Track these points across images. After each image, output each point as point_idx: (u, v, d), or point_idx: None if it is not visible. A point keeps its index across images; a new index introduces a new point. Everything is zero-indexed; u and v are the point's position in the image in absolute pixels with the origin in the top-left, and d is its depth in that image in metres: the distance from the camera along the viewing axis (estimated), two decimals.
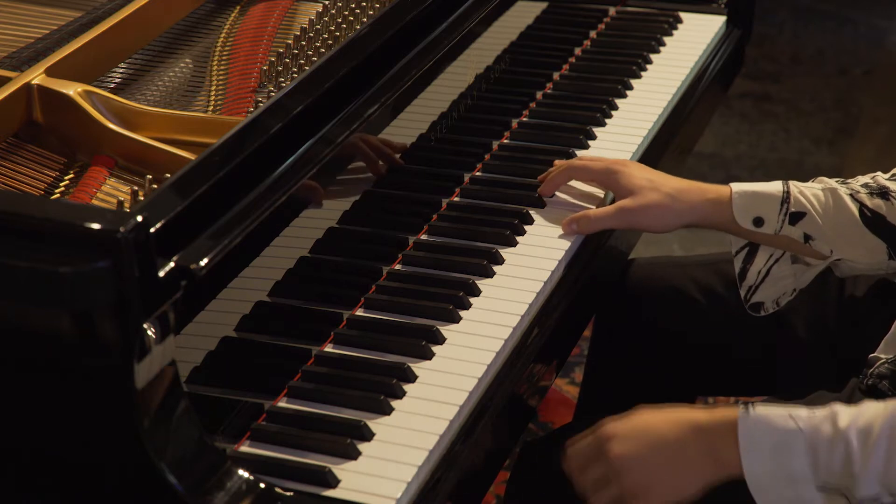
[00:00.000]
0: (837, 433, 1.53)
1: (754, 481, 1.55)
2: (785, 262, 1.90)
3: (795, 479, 1.54)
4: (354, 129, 1.71)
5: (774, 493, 1.55)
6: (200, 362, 1.53)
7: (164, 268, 1.37)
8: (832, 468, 1.53)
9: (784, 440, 1.54)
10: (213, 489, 1.40)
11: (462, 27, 1.98)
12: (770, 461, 1.55)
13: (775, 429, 1.55)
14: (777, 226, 1.86)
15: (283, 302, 1.66)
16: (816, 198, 1.87)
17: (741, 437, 1.55)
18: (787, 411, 1.56)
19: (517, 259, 1.83)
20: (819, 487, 1.54)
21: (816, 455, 1.53)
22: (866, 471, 1.51)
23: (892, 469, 1.51)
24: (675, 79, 2.31)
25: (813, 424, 1.54)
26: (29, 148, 1.70)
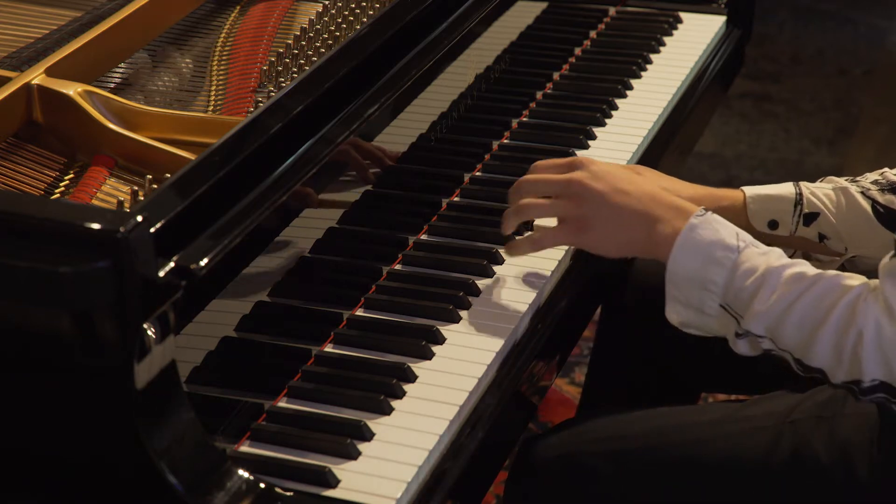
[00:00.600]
0: (766, 269, 1.61)
1: (673, 270, 1.65)
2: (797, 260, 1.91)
3: (706, 287, 1.63)
4: (354, 129, 1.71)
5: (684, 289, 1.65)
6: (200, 362, 1.53)
7: (164, 268, 1.37)
8: (740, 295, 1.61)
9: (719, 248, 1.63)
10: (213, 489, 1.40)
11: (462, 27, 1.98)
12: (697, 260, 1.63)
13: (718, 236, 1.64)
14: (792, 227, 1.89)
15: (283, 302, 1.66)
16: (828, 197, 1.89)
17: (686, 227, 1.65)
18: (737, 230, 1.65)
19: (518, 259, 1.83)
20: (721, 304, 1.63)
21: (735, 277, 1.61)
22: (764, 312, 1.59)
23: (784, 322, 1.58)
24: (675, 79, 2.31)
25: (750, 252, 1.63)
26: (29, 148, 1.70)
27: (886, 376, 1.54)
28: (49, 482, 1.43)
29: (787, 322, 1.58)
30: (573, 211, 1.72)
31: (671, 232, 1.66)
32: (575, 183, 1.72)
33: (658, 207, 1.69)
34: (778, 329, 1.59)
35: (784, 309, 1.58)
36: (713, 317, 1.64)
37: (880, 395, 1.56)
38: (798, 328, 1.58)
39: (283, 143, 1.61)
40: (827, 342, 1.56)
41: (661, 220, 1.68)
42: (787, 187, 1.90)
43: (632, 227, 1.69)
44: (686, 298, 1.65)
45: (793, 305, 1.58)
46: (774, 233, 1.90)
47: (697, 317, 1.66)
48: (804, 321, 1.58)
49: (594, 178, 1.72)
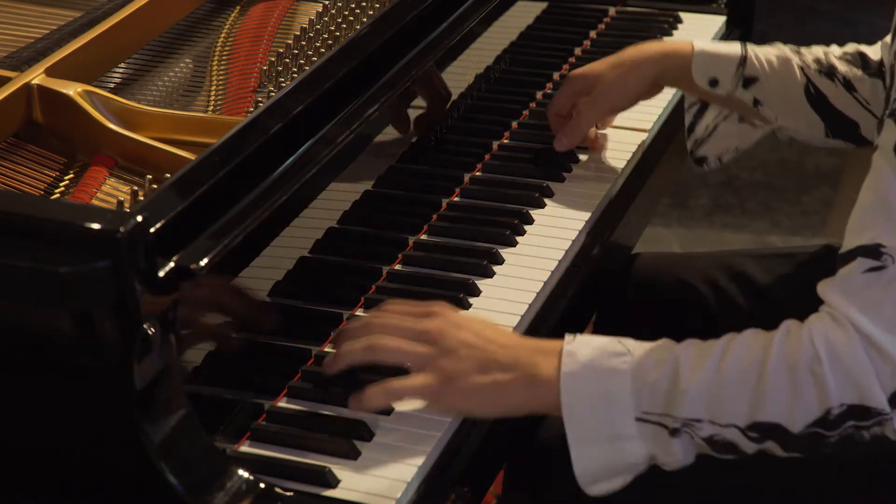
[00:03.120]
0: (669, 353, 1.48)
1: (569, 405, 1.48)
2: (732, 121, 1.99)
3: (614, 404, 1.46)
4: (354, 129, 1.71)
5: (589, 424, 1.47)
6: (200, 362, 1.53)
7: (164, 268, 1.37)
8: (657, 389, 1.46)
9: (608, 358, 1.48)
10: (213, 489, 1.40)
11: (462, 27, 1.98)
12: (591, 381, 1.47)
13: (600, 347, 1.49)
14: (731, 87, 1.92)
15: (283, 302, 1.66)
16: (770, 64, 1.92)
17: (563, 356, 1.49)
18: (616, 338, 1.51)
19: (517, 259, 1.83)
20: (638, 418, 1.47)
21: (642, 375, 1.47)
22: (694, 387, 1.45)
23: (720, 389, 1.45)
24: None
25: (643, 348, 1.49)
26: (29, 148, 1.70)
27: (854, 396, 1.44)
28: (49, 482, 1.43)
29: (724, 387, 1.46)
30: (433, 360, 1.51)
31: (550, 371, 1.49)
32: (434, 330, 1.53)
33: (527, 353, 1.52)
34: (716, 400, 1.46)
35: (713, 375, 1.46)
36: (632, 437, 1.48)
37: (849, 425, 1.45)
38: (739, 386, 1.46)
39: (283, 143, 1.61)
40: (778, 383, 1.45)
41: (537, 363, 1.50)
42: (734, 47, 1.94)
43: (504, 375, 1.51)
44: (594, 431, 1.48)
45: (722, 368, 1.46)
46: (713, 91, 1.93)
47: (614, 451, 1.48)
48: (743, 376, 1.46)
49: (455, 326, 1.53)
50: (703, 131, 2.00)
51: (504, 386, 1.50)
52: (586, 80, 2.00)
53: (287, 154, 1.61)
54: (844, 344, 1.44)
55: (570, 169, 2.04)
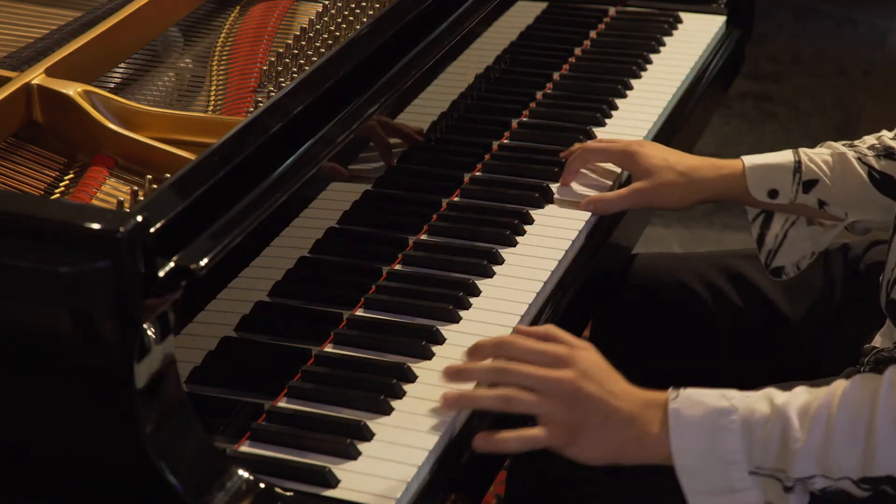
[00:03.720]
0: (774, 410, 1.49)
1: (682, 463, 1.50)
2: (801, 225, 1.96)
3: (727, 461, 1.49)
4: (354, 128, 1.71)
5: (703, 477, 1.50)
6: (200, 362, 1.53)
7: (164, 268, 1.37)
8: (768, 446, 1.48)
9: (717, 417, 1.49)
10: (213, 489, 1.40)
11: (462, 27, 1.98)
12: (701, 440, 1.50)
13: (707, 406, 1.50)
14: (791, 195, 1.91)
15: (283, 302, 1.66)
16: (826, 164, 1.92)
17: (670, 415, 1.50)
18: (719, 392, 1.52)
19: (517, 259, 1.83)
20: (751, 471, 1.49)
21: (751, 432, 1.48)
22: (804, 447, 1.47)
23: (831, 446, 1.47)
24: (675, 79, 2.31)
25: (748, 403, 1.50)
26: (29, 148, 1.70)
27: None
28: (49, 482, 1.43)
29: (833, 446, 1.47)
30: (563, 414, 1.53)
31: (659, 428, 1.51)
32: (567, 382, 1.53)
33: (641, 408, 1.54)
34: (827, 458, 1.47)
35: (823, 435, 1.47)
36: (748, 489, 1.49)
37: None
38: (849, 444, 1.47)
39: (283, 143, 1.61)
40: (887, 438, 1.45)
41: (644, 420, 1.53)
42: (786, 155, 1.94)
43: (621, 431, 1.53)
44: (710, 486, 1.50)
45: (830, 426, 1.47)
46: (774, 201, 1.92)
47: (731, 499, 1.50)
48: (853, 433, 1.47)
49: (586, 379, 1.54)
50: (773, 241, 1.97)
51: (623, 442, 1.53)
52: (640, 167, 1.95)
53: (287, 154, 1.61)
54: None
55: None
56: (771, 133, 4.23)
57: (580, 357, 1.56)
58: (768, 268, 1.97)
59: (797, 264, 1.97)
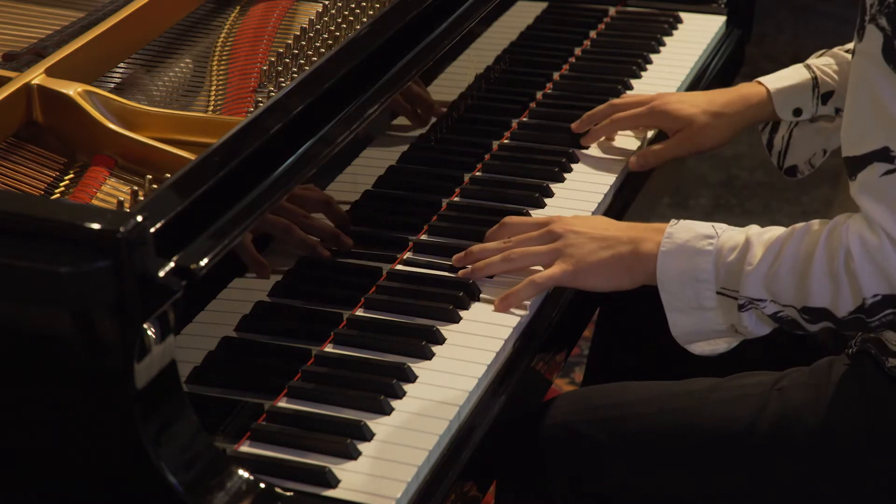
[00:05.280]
0: (745, 238, 1.66)
1: (663, 278, 1.69)
2: (804, 124, 2.07)
3: (699, 278, 1.68)
4: (354, 129, 1.71)
5: (679, 293, 1.69)
6: (200, 362, 1.53)
7: (164, 268, 1.37)
8: (731, 269, 1.65)
9: (699, 240, 1.68)
10: (213, 489, 1.40)
11: (462, 27, 1.98)
12: (682, 258, 1.68)
13: (695, 230, 1.69)
14: (813, 109, 2.04)
15: (283, 302, 1.66)
16: (836, 73, 2.04)
17: (664, 236, 1.70)
18: (711, 223, 1.71)
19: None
20: (718, 292, 1.67)
21: (722, 255, 1.66)
22: (755, 270, 1.63)
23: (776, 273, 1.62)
24: (675, 79, 2.31)
25: (729, 234, 1.68)
26: (29, 148, 1.70)
27: (886, 288, 1.58)
28: (49, 482, 1.43)
29: (779, 273, 1.62)
30: (561, 252, 1.76)
31: (653, 247, 1.71)
32: (556, 231, 1.77)
33: (636, 231, 1.75)
34: (774, 283, 1.63)
35: (772, 262, 1.63)
36: (714, 308, 1.68)
37: (889, 313, 1.59)
38: (791, 273, 1.62)
39: (283, 143, 1.61)
40: (820, 274, 1.60)
41: (643, 239, 1.73)
42: (801, 72, 2.07)
43: (618, 253, 1.74)
44: (683, 301, 1.69)
45: (779, 256, 1.62)
46: (799, 118, 2.05)
47: (700, 318, 1.69)
48: (795, 266, 1.61)
49: (571, 223, 1.79)
50: (780, 142, 2.09)
51: (623, 257, 1.73)
52: (676, 120, 2.06)
53: (287, 154, 1.61)
54: (875, 242, 1.57)
55: (570, 169, 2.04)
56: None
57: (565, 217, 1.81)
58: (781, 169, 2.10)
59: (810, 161, 2.09)
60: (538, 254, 1.77)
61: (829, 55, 2.07)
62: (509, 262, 1.77)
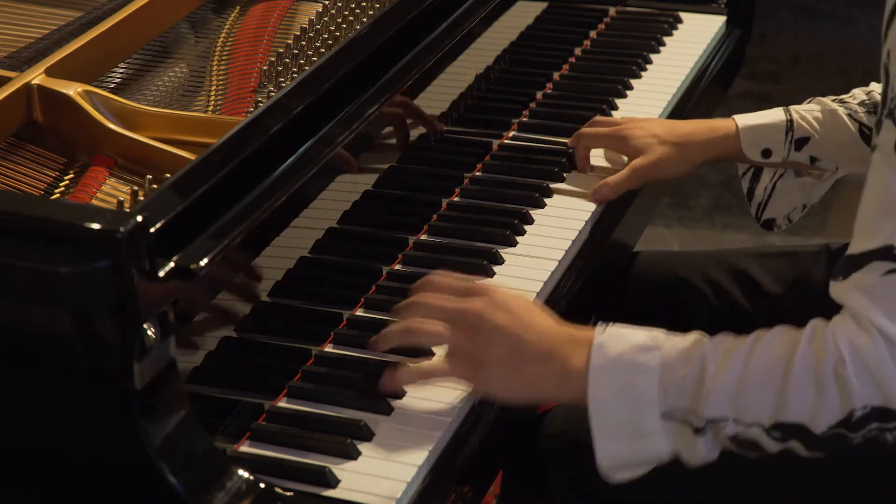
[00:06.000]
0: (697, 350, 1.47)
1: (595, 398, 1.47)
2: (789, 177, 2.00)
3: (639, 398, 1.45)
4: (354, 129, 1.71)
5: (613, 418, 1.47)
6: (200, 362, 1.53)
7: (164, 268, 1.37)
8: (683, 386, 1.45)
9: (638, 353, 1.47)
10: (213, 489, 1.40)
11: (462, 27, 1.99)
12: (618, 375, 1.46)
13: (631, 341, 1.48)
14: (784, 154, 1.95)
15: (283, 302, 1.66)
16: (817, 120, 1.95)
17: (593, 349, 1.48)
18: (648, 330, 1.49)
19: (517, 259, 1.83)
20: (663, 413, 1.46)
21: (670, 370, 1.46)
22: (719, 386, 1.44)
23: (745, 389, 1.44)
24: (675, 79, 2.31)
25: (672, 343, 1.47)
26: (29, 148, 1.70)
27: (879, 398, 1.43)
28: (49, 482, 1.43)
29: (749, 386, 1.45)
30: (466, 344, 1.53)
31: (581, 363, 1.48)
32: (472, 313, 1.53)
33: (561, 343, 1.51)
34: (741, 399, 1.45)
35: (739, 375, 1.45)
36: (656, 433, 1.47)
37: (873, 427, 1.44)
38: (764, 386, 1.45)
39: (283, 143, 1.61)
40: (803, 383, 1.43)
41: (568, 355, 1.50)
42: (778, 114, 1.97)
43: (535, 366, 1.51)
44: (617, 426, 1.47)
45: (748, 367, 1.45)
46: (768, 160, 1.96)
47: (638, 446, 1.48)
48: (768, 375, 1.45)
49: (494, 308, 1.53)
50: (762, 194, 2.02)
51: (535, 377, 1.51)
52: (632, 148, 1.98)
53: (287, 154, 1.61)
54: (869, 347, 1.42)
55: (570, 170, 2.04)
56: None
57: (493, 289, 1.55)
58: (759, 220, 2.02)
59: (788, 216, 2.02)
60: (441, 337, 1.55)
61: (816, 102, 1.98)
62: (409, 334, 1.57)
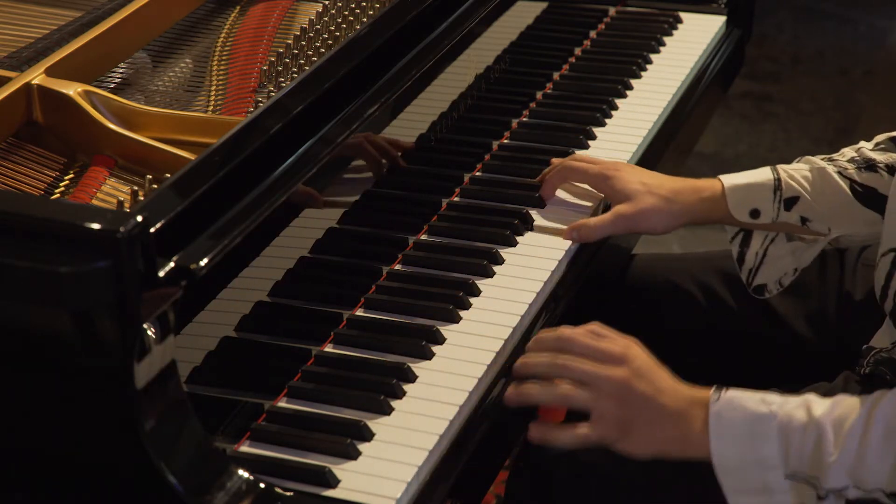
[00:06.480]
0: (812, 420, 1.52)
1: (721, 463, 1.55)
2: (781, 242, 1.92)
3: (764, 465, 1.53)
4: (354, 129, 1.71)
5: (741, 477, 1.54)
6: (200, 362, 1.53)
7: (163, 268, 1.37)
8: (803, 455, 1.52)
9: (756, 423, 1.54)
10: (213, 489, 1.40)
11: (462, 27, 1.99)
12: (740, 443, 1.54)
13: (747, 411, 1.55)
14: (773, 214, 1.88)
15: (283, 302, 1.66)
16: (806, 179, 1.89)
17: (711, 418, 1.55)
18: (760, 396, 1.56)
19: (517, 259, 1.83)
20: (787, 476, 1.53)
21: (788, 440, 1.52)
22: (838, 461, 1.50)
23: (863, 462, 1.50)
24: (675, 79, 2.31)
25: (786, 410, 1.54)
26: (29, 148, 1.71)
27: None
28: (49, 482, 1.43)
29: (867, 459, 1.50)
30: (615, 412, 1.58)
31: (701, 427, 1.56)
32: (619, 382, 1.58)
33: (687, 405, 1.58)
34: (860, 470, 1.50)
35: (857, 449, 1.50)
36: (783, 491, 1.54)
37: None
38: (881, 458, 1.50)
39: (283, 143, 1.61)
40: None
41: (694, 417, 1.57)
42: (765, 173, 1.90)
43: (667, 429, 1.58)
44: (747, 485, 1.54)
45: (864, 441, 1.50)
46: (756, 221, 1.89)
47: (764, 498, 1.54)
48: (885, 448, 1.49)
49: (638, 378, 1.59)
50: (753, 259, 1.94)
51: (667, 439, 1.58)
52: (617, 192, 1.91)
53: (287, 154, 1.61)
54: None
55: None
56: (771, 133, 4.23)
57: (633, 355, 1.61)
58: (750, 286, 1.95)
59: (779, 281, 1.94)
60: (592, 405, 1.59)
61: (805, 161, 1.93)
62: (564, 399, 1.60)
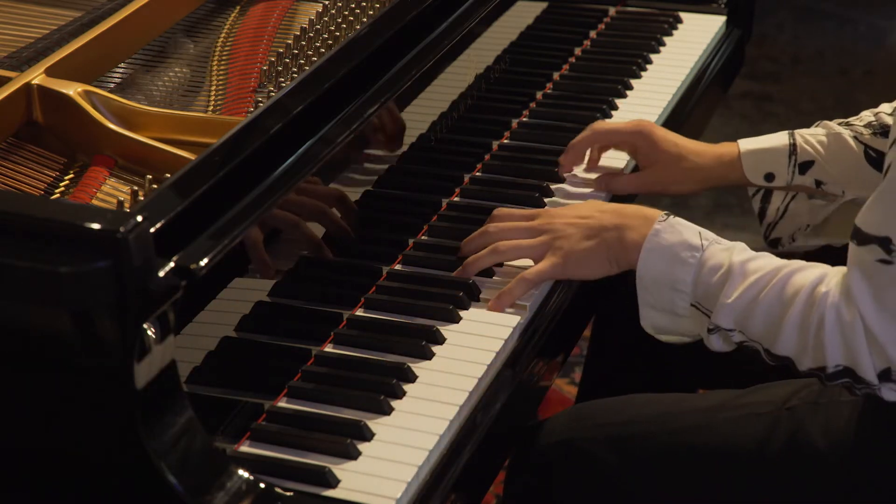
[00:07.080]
0: (728, 263, 1.65)
1: (642, 275, 1.70)
2: (801, 199, 2.00)
3: (676, 288, 1.68)
4: (354, 129, 1.71)
5: (655, 293, 1.69)
6: (200, 362, 1.53)
7: (164, 268, 1.37)
8: (708, 290, 1.66)
9: (684, 249, 1.68)
10: (213, 489, 1.40)
11: (462, 27, 1.99)
12: (663, 262, 1.68)
13: (682, 237, 1.69)
14: (788, 178, 1.96)
15: (283, 302, 1.66)
16: (822, 144, 1.95)
17: (650, 232, 1.70)
18: (700, 229, 1.70)
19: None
20: (692, 304, 1.67)
21: (701, 273, 1.66)
22: (731, 304, 1.63)
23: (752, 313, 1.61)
24: (675, 79, 2.31)
25: (713, 249, 1.67)
26: (29, 148, 1.71)
27: (848, 361, 1.57)
28: (49, 482, 1.43)
29: (753, 314, 1.62)
30: (550, 246, 1.76)
31: (639, 237, 1.71)
32: (542, 224, 1.78)
33: (624, 217, 1.74)
34: (746, 321, 1.63)
35: (749, 301, 1.62)
36: (685, 317, 1.69)
37: (846, 380, 1.58)
38: (764, 319, 1.61)
39: (283, 143, 1.61)
40: (791, 330, 1.59)
41: (630, 227, 1.72)
42: (781, 137, 1.97)
43: (604, 241, 1.74)
44: (657, 301, 1.70)
45: (757, 298, 1.61)
46: (771, 184, 1.96)
47: (671, 319, 1.70)
48: (769, 312, 1.61)
49: (556, 216, 1.78)
50: (774, 214, 2.02)
51: (609, 244, 1.73)
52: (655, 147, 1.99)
53: (287, 154, 1.61)
54: (849, 320, 1.55)
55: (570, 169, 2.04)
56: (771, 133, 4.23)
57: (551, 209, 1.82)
58: (767, 239, 2.03)
59: (792, 236, 2.03)
60: (527, 247, 1.77)
61: (822, 125, 1.98)
62: (497, 254, 1.77)
